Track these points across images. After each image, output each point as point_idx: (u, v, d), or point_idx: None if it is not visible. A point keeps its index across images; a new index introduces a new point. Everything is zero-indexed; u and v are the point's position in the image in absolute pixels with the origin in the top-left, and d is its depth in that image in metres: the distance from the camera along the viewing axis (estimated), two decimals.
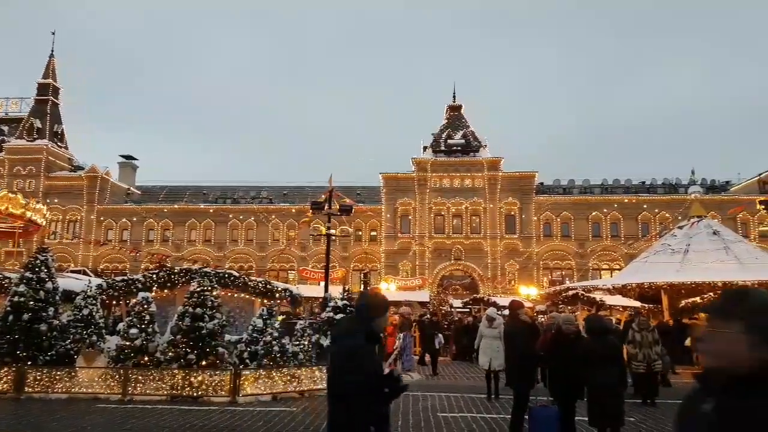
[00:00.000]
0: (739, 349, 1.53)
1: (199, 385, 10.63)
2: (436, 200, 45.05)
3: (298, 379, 11.31)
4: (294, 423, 8.79)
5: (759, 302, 1.59)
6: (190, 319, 11.34)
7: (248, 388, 10.76)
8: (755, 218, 39.95)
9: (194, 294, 11.59)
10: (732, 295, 1.67)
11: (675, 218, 39.51)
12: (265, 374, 11.03)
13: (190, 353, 11.08)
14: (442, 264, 44.02)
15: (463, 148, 46.78)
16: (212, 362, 11.15)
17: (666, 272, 24.82)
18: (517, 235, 44.06)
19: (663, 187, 47.57)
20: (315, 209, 20.62)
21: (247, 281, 15.57)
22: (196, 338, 11.23)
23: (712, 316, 1.63)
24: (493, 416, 9.61)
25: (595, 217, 44.36)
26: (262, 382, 10.95)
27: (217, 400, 10.47)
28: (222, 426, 8.59)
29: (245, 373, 10.89)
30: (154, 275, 14.71)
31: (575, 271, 43.25)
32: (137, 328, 11.48)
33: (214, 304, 11.66)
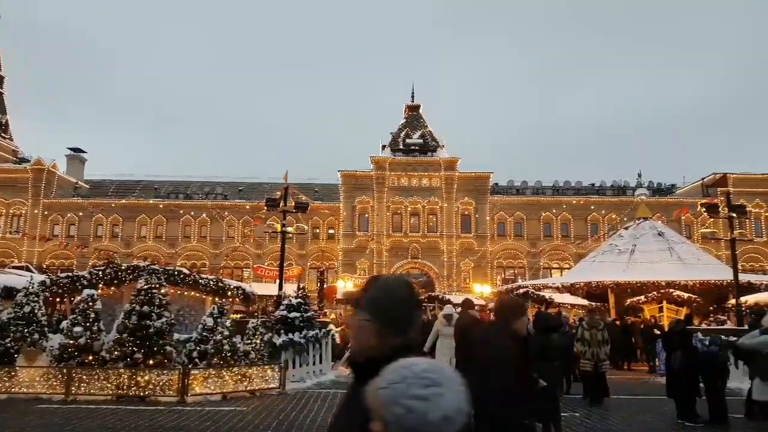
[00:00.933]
0: (368, 336, 1.59)
1: (146, 385, 10.39)
2: (394, 199, 45.30)
3: (250, 379, 11.20)
4: (243, 423, 8.71)
5: (380, 290, 1.63)
6: (137, 317, 11.06)
7: (197, 388, 10.59)
8: (698, 220, 41.94)
9: (142, 291, 11.31)
10: (365, 284, 1.72)
11: (622, 219, 41.07)
12: (214, 373, 10.87)
13: (137, 352, 10.82)
14: (399, 262, 44.32)
15: (421, 148, 47.21)
16: (160, 361, 10.92)
17: (613, 271, 25.81)
18: (472, 234, 44.81)
19: (611, 190, 49.33)
20: (270, 206, 20.38)
21: (198, 279, 15.26)
22: (144, 337, 10.97)
23: (353, 305, 1.68)
24: None
25: (547, 217, 45.60)
26: (212, 382, 10.79)
27: (164, 399, 10.26)
28: (169, 426, 8.43)
29: (194, 372, 10.71)
30: (100, 272, 14.23)
31: (527, 269, 44.35)
32: (82, 326, 11.11)
33: (162, 302, 11.41)
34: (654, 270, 24.75)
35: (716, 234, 29.08)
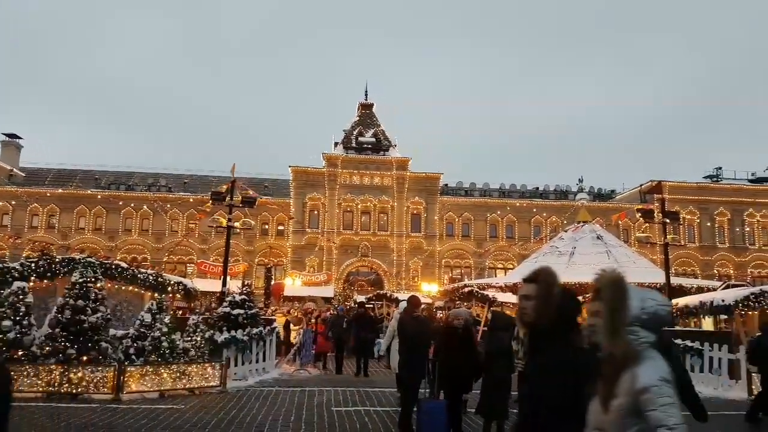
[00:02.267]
0: None
1: (78, 382, 9.99)
2: (345, 196, 45.21)
3: (189, 376, 10.95)
4: (180, 421, 8.51)
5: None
6: (70, 311, 10.62)
7: (133, 385, 10.27)
8: (635, 225, 43.92)
9: (76, 285, 10.85)
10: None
11: (564, 222, 42.53)
12: (152, 371, 10.57)
13: (70, 348, 10.38)
14: (349, 260, 44.29)
15: (373, 147, 47.33)
16: (94, 357, 10.52)
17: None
18: (422, 234, 45.32)
19: (554, 193, 51.06)
20: (216, 200, 19.92)
21: (137, 273, 14.78)
22: (77, 332, 10.54)
23: None
24: (386, 409, 9.87)
25: (493, 219, 46.69)
26: (149, 379, 10.49)
27: (98, 397, 9.91)
28: (101, 424, 8.14)
29: (130, 369, 10.38)
30: (32, 264, 13.54)
31: (473, 269, 45.26)
32: (11, 320, 10.55)
33: (98, 296, 10.99)
34: (592, 271, 25.68)
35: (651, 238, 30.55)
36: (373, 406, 10.18)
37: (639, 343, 2.17)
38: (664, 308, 2.25)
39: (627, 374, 2.10)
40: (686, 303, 20.35)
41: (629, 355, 2.14)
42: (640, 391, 2.04)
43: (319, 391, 11.61)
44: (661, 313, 2.22)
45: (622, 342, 2.17)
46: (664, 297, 2.33)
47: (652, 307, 2.20)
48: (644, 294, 2.25)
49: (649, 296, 2.25)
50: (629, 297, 2.21)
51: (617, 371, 2.14)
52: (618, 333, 2.17)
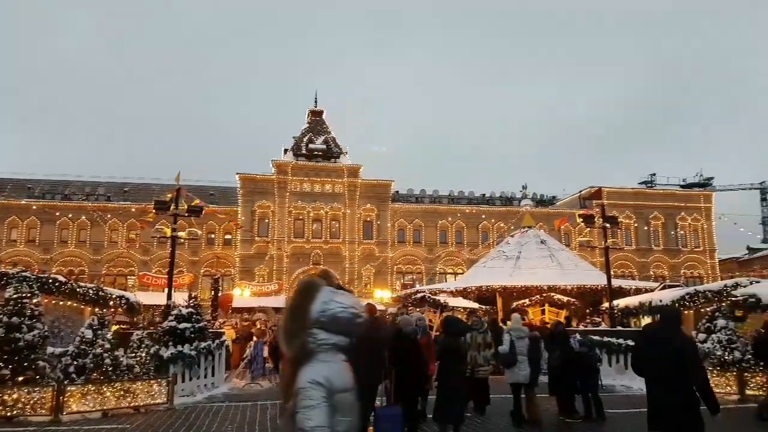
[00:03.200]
0: None
1: (14, 404, 9.39)
2: (296, 204, 44.74)
3: (134, 394, 10.49)
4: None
5: None
6: (4, 329, 9.98)
7: (74, 405, 9.75)
8: (576, 230, 45.60)
9: (10, 301, 10.22)
10: None
11: (509, 228, 43.64)
12: (94, 389, 10.06)
13: (4, 368, 9.75)
14: (301, 268, 43.75)
15: (324, 154, 47.10)
16: (31, 377, 9.92)
17: (501, 276, 27.34)
18: (374, 241, 45.40)
19: (500, 200, 52.42)
20: (159, 209, 19.24)
21: (76, 287, 14.06)
22: (12, 351, 9.92)
23: None
24: None
25: (443, 225, 47.37)
26: (91, 398, 9.98)
27: (36, 419, 9.35)
28: None
29: (70, 388, 9.85)
30: None
31: (424, 275, 45.70)
32: None
33: (34, 312, 10.39)
34: (537, 275, 26.52)
35: (591, 242, 31.74)
36: None
37: (318, 344, 2.18)
38: (346, 311, 2.26)
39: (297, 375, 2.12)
40: (627, 304, 21.31)
41: (300, 357, 2.16)
42: (296, 392, 2.12)
43: (272, 404, 11.37)
44: (341, 315, 2.23)
45: (297, 343, 2.19)
46: (355, 301, 2.34)
47: (332, 310, 2.23)
48: (331, 297, 2.28)
49: (336, 300, 2.28)
50: (311, 300, 2.23)
51: (293, 372, 2.17)
52: (294, 335, 2.20)
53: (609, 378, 14.29)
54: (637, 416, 10.11)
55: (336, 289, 2.39)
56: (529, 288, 25.12)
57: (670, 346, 5.01)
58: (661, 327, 5.41)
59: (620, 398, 12.31)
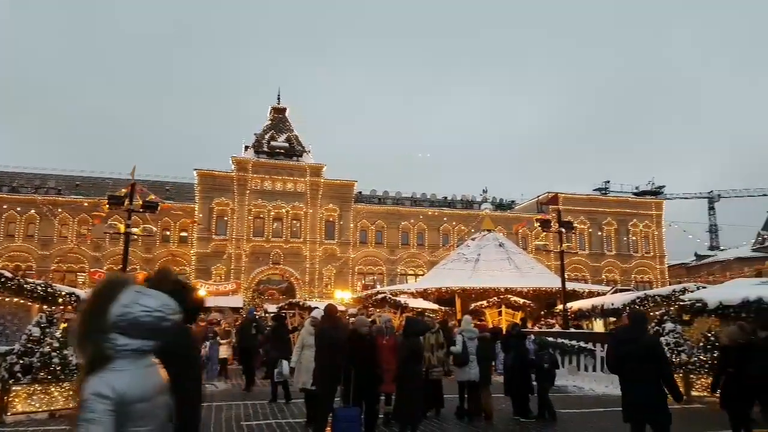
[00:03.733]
0: None
1: None
2: (256, 202, 44.08)
3: None
4: None
5: None
6: None
7: (19, 406, 9.35)
8: (533, 233, 46.59)
9: None
10: None
11: (470, 231, 44.27)
12: (41, 389, 9.67)
13: None
14: (260, 268, 43.18)
15: (286, 152, 46.58)
16: None
17: (460, 278, 27.72)
18: (336, 241, 45.21)
19: (461, 203, 53.12)
20: (113, 204, 18.63)
21: (23, 283, 13.47)
22: None
23: None
24: (298, 421, 9.69)
25: (405, 226, 47.64)
26: (38, 399, 9.59)
27: None
28: None
29: (15, 388, 9.44)
30: None
31: (385, 276, 45.83)
32: None
33: None
34: (495, 277, 27.03)
35: (548, 246, 32.51)
36: (286, 419, 9.96)
37: (117, 350, 2.02)
38: (150, 315, 2.05)
39: None
40: (580, 306, 21.91)
41: (93, 364, 2.02)
42: (81, 403, 1.96)
43: (227, 405, 11.18)
44: (143, 319, 2.03)
45: (91, 349, 2.03)
46: (165, 302, 2.10)
47: (133, 314, 2.03)
48: (134, 299, 2.05)
49: (140, 302, 2.06)
50: (110, 302, 2.04)
51: (82, 379, 2.02)
52: (87, 339, 2.04)
53: (562, 379, 14.64)
54: (588, 416, 10.45)
55: (147, 289, 2.15)
56: (487, 290, 25.56)
57: (641, 344, 5.53)
58: (631, 328, 5.88)
59: (573, 399, 12.65)
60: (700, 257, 64.06)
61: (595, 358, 14.62)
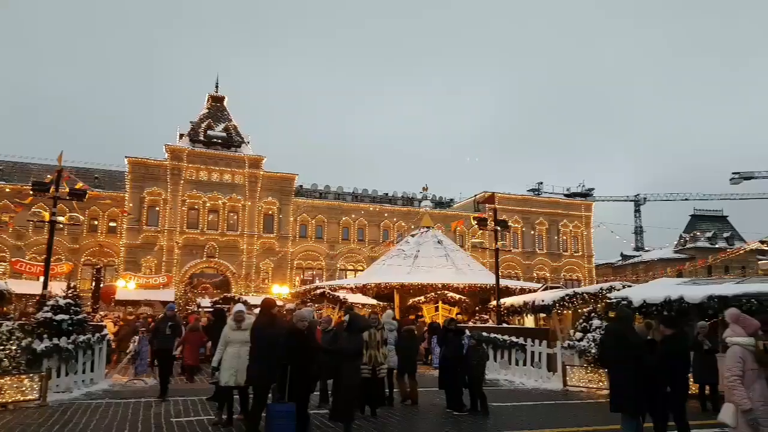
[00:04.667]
0: None
1: None
2: (191, 193, 42.67)
3: (1, 390, 9.52)
4: None
5: None
6: None
7: None
8: (470, 232, 47.74)
9: None
10: None
11: (410, 227, 44.80)
12: None
13: None
14: (193, 261, 41.87)
15: (224, 142, 45.32)
16: None
17: (399, 274, 28.02)
18: (275, 235, 44.51)
19: (402, 200, 53.69)
20: (37, 191, 17.52)
21: None
22: None
23: None
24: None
25: (346, 222, 47.57)
26: None
27: None
28: None
29: None
30: None
31: (325, 271, 45.61)
32: None
33: None
34: (433, 273, 27.47)
35: (483, 244, 33.29)
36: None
37: None
38: None
39: None
40: (512, 302, 22.64)
41: None
42: None
43: (156, 402, 10.79)
44: None
45: None
46: None
47: None
48: None
49: None
50: None
51: None
52: None
53: (494, 372, 15.12)
54: (519, 409, 10.84)
55: None
56: (425, 286, 25.95)
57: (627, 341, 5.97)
58: (618, 325, 6.25)
59: (504, 392, 13.06)
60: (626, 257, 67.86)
61: (526, 352, 15.13)
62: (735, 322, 5.18)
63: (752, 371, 4.74)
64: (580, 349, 13.49)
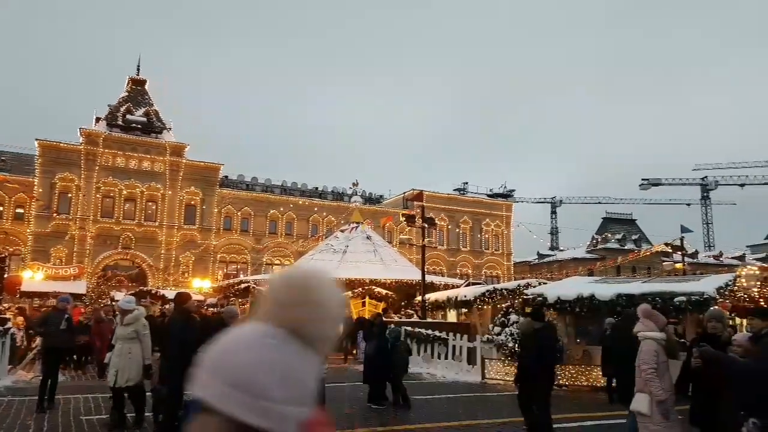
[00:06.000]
0: None
1: None
2: (106, 180, 40.41)
3: None
4: None
5: None
6: None
7: None
8: (398, 228, 48.35)
9: None
10: None
11: (339, 222, 44.73)
12: None
13: None
14: (107, 252, 39.70)
15: (144, 127, 43.22)
16: None
17: (327, 269, 27.86)
18: (197, 227, 43.03)
19: (332, 195, 53.45)
20: None
21: None
22: None
23: None
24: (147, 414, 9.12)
25: (273, 215, 46.74)
26: None
27: None
28: None
29: None
30: None
31: (250, 265, 44.63)
32: None
33: None
34: (361, 269, 27.62)
35: (411, 240, 33.87)
36: (130, 412, 9.31)
37: None
38: None
39: None
40: (436, 298, 23.20)
41: None
42: None
43: (65, 399, 10.17)
44: None
45: None
46: None
47: None
48: None
49: None
50: None
51: None
52: None
53: (417, 366, 15.44)
54: (440, 401, 11.15)
55: None
56: (353, 281, 26.00)
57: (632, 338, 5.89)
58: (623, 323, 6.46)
59: (426, 385, 13.39)
60: (542, 256, 71.17)
61: (448, 346, 15.56)
62: (647, 318, 5.49)
63: (663, 363, 5.11)
64: (498, 343, 14.06)
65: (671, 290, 12.10)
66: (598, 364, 11.75)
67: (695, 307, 11.27)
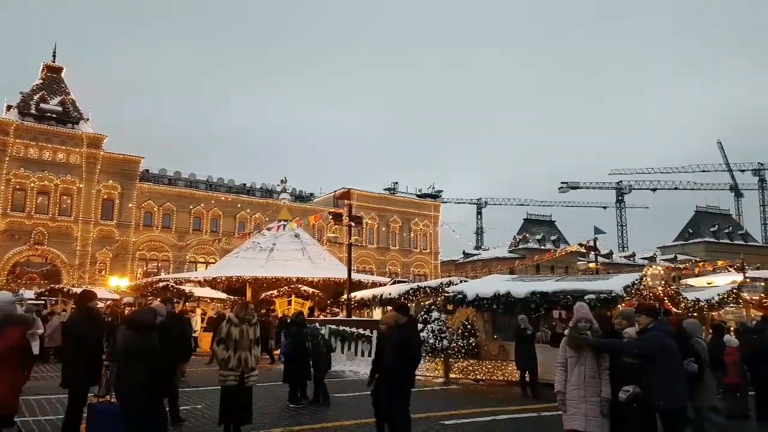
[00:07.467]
0: None
1: None
2: (17, 171, 37.80)
3: None
4: None
5: None
6: None
7: None
8: (327, 226, 48.17)
9: None
10: None
11: (267, 220, 44.01)
12: None
13: None
14: (17, 248, 37.06)
15: (59, 117, 40.67)
16: None
17: (253, 267, 27.45)
18: (114, 222, 41.02)
19: (260, 191, 52.47)
20: None
21: None
22: None
23: None
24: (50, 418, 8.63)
25: (198, 211, 45.26)
26: None
27: None
28: None
29: None
30: None
31: (172, 263, 43.01)
32: None
33: None
34: (288, 267, 27.38)
35: (338, 239, 33.86)
36: (58, 415, 8.77)
37: None
38: None
39: None
40: (362, 296, 23.41)
41: None
42: None
43: None
44: None
45: None
46: None
47: None
48: None
49: None
50: None
51: None
52: None
53: (340, 364, 15.50)
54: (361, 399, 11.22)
55: None
56: (279, 279, 25.75)
57: None
58: None
59: (347, 383, 13.45)
60: (467, 255, 73.28)
61: (371, 343, 15.71)
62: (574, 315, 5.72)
63: (571, 358, 5.42)
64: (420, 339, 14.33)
65: (582, 288, 12.71)
66: (513, 359, 12.25)
67: (603, 305, 11.92)
